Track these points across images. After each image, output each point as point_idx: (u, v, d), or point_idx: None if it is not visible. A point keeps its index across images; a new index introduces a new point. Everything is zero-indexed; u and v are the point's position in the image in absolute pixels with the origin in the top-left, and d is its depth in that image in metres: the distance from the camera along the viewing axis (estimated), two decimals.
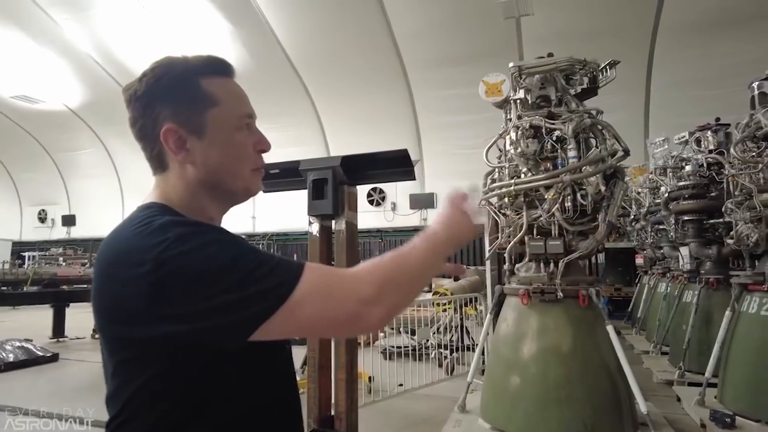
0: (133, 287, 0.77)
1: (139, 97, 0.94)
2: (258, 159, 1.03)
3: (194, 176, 0.96)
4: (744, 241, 4.56)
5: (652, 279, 8.80)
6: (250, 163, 1.01)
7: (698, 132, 6.26)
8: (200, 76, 0.96)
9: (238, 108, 1.00)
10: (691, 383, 5.32)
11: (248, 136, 1.01)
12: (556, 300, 3.81)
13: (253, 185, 1.02)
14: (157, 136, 0.93)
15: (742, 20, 11.30)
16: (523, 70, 4.05)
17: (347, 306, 0.81)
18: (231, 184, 0.99)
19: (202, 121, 0.94)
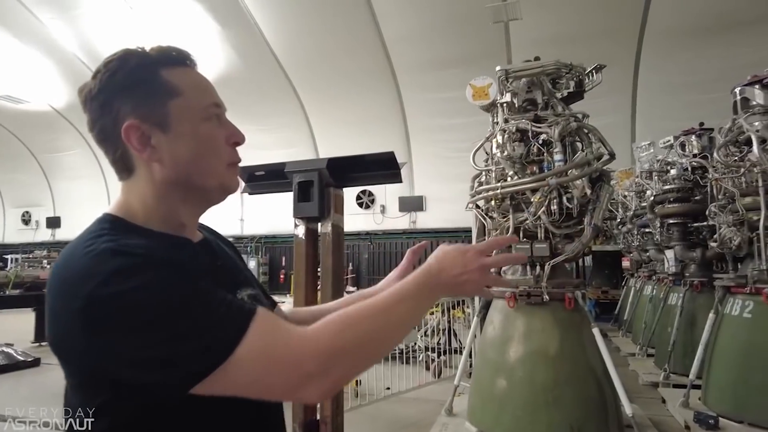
0: (69, 322, 0.72)
1: (95, 95, 0.86)
2: (232, 153, 0.94)
3: (163, 176, 0.87)
4: (727, 244, 4.61)
5: (638, 282, 8.88)
6: (223, 156, 0.92)
7: (683, 136, 6.34)
8: (159, 66, 0.88)
9: (203, 97, 0.90)
10: (676, 385, 5.37)
11: (218, 128, 0.92)
12: (542, 303, 3.82)
13: (229, 182, 0.93)
14: (119, 135, 0.85)
15: (726, 27, 11.47)
16: (510, 73, 4.07)
17: (288, 378, 0.74)
18: (204, 182, 0.90)
19: (164, 113, 0.86)
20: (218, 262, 0.97)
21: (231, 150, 0.94)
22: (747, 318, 4.27)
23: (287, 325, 0.79)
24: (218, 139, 0.91)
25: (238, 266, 1.06)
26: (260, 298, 1.00)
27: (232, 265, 1.02)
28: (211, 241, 1.03)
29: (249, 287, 0.98)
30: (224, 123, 0.94)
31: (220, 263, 0.97)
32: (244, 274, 1.04)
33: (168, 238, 0.87)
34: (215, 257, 0.98)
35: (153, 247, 0.79)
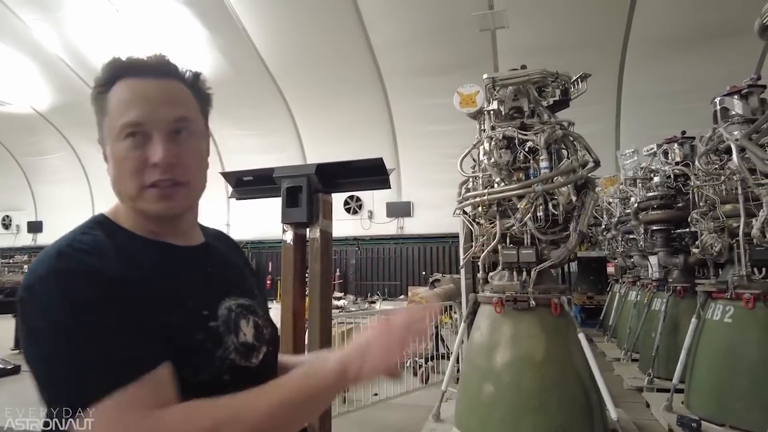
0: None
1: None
2: (150, 174, 0.85)
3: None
4: (708, 251, 4.71)
5: (623, 287, 8.99)
6: (133, 178, 0.85)
7: (665, 144, 6.46)
8: (115, 79, 0.88)
9: (120, 116, 0.85)
10: (659, 389, 5.44)
11: (133, 148, 0.85)
12: (528, 308, 3.85)
13: (144, 205, 0.87)
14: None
15: (706, 38, 11.73)
16: (497, 81, 4.12)
17: None
18: (123, 200, 0.90)
19: (102, 134, 0.90)
20: (208, 269, 0.95)
21: (149, 171, 0.85)
22: (728, 323, 4.35)
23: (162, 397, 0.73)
24: (126, 160, 0.85)
25: (236, 275, 1.04)
26: (254, 309, 0.98)
27: (227, 273, 1.01)
28: (211, 246, 1.02)
29: (243, 297, 0.97)
30: (149, 141, 0.86)
31: (210, 269, 0.96)
32: (242, 283, 1.02)
33: (142, 242, 0.88)
34: (207, 263, 0.97)
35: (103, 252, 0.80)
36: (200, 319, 0.86)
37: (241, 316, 0.93)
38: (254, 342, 0.94)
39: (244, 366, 0.89)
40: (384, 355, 0.89)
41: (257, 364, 0.93)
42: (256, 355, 0.93)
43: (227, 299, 0.93)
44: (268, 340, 0.98)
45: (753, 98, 4.44)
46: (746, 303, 4.19)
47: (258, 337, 0.95)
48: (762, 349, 4.03)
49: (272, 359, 1.01)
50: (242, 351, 0.90)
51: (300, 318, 2.35)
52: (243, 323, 0.93)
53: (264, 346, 0.96)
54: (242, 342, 0.91)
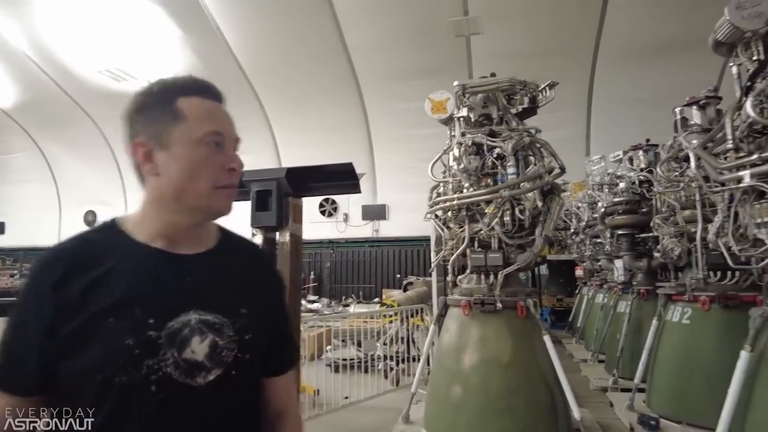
0: None
1: (127, 112, 1.03)
2: (224, 177, 1.02)
3: (157, 187, 1.00)
4: (669, 255, 4.88)
5: (591, 290, 9.19)
6: (209, 179, 1.00)
7: (631, 151, 6.67)
8: (177, 94, 1.01)
9: (203, 125, 1.00)
10: (623, 389, 5.59)
11: (213, 154, 1.00)
12: (495, 311, 3.93)
13: (214, 203, 1.02)
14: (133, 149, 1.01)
15: (671, 50, 12.13)
16: (467, 89, 4.20)
17: None
18: (189, 199, 0.99)
19: (168, 136, 0.98)
20: (188, 279, 0.98)
21: (224, 174, 1.02)
22: (686, 324, 4.52)
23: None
24: (208, 162, 1.00)
25: (224, 290, 1.03)
26: (220, 328, 0.96)
27: (210, 286, 1.01)
28: (214, 257, 1.06)
29: (213, 314, 0.96)
30: (224, 150, 1.03)
31: (189, 280, 0.98)
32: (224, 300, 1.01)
33: (135, 247, 0.99)
34: (191, 274, 0.99)
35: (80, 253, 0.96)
36: (139, 326, 0.89)
37: (196, 333, 0.93)
38: (204, 361, 0.92)
39: (182, 383, 0.89)
40: None
41: (203, 384, 0.91)
42: (204, 375, 0.92)
43: (191, 313, 0.94)
44: (228, 364, 0.95)
45: (710, 109, 4.63)
46: (702, 305, 4.36)
47: (212, 357, 0.93)
48: (716, 349, 4.19)
49: (233, 385, 0.97)
50: (184, 367, 0.90)
51: None
52: (195, 340, 0.92)
53: (219, 368, 0.94)
54: (186, 358, 0.90)
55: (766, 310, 2.94)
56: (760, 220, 2.95)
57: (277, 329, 1.13)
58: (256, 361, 1.02)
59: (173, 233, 1.02)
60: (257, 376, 1.07)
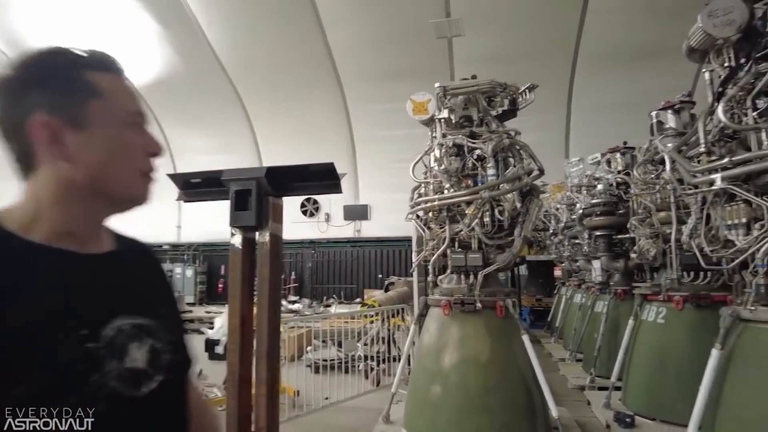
0: None
1: (10, 85, 0.83)
2: (147, 163, 0.91)
3: (68, 176, 0.82)
4: (645, 255, 4.98)
5: (569, 290, 9.33)
6: (137, 165, 0.89)
7: (609, 154, 6.79)
8: (84, 67, 0.86)
9: (128, 103, 0.89)
10: (600, 387, 5.68)
11: (137, 136, 0.89)
12: (475, 311, 3.96)
13: (137, 191, 0.90)
14: (26, 128, 0.81)
15: (648, 55, 12.39)
16: (448, 90, 4.23)
17: None
18: (112, 187, 0.86)
19: (82, 112, 0.83)
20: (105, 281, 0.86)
21: (146, 159, 0.91)
22: (660, 323, 4.63)
23: None
24: (135, 146, 0.89)
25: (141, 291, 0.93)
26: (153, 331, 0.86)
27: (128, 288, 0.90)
28: (118, 256, 0.93)
29: (141, 317, 0.86)
30: (143, 132, 0.91)
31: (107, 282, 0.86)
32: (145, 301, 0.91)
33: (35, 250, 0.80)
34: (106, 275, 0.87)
35: None
36: (75, 339, 0.76)
37: (134, 338, 0.82)
38: (146, 368, 0.82)
39: (128, 396, 0.79)
40: None
41: (147, 394, 0.81)
42: (147, 383, 0.82)
43: (120, 318, 0.82)
44: (167, 368, 0.86)
45: (684, 113, 4.76)
46: (676, 304, 4.47)
47: (152, 363, 0.84)
48: (689, 347, 4.30)
49: (172, 391, 0.89)
50: (128, 378, 0.79)
51: (248, 323, 2.36)
52: (133, 346, 0.82)
53: (160, 374, 0.84)
54: (129, 368, 0.80)
55: (735, 309, 3.03)
56: (730, 222, 3.03)
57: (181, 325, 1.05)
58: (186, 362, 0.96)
59: (81, 230, 0.86)
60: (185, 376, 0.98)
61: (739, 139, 3.10)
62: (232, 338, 2.64)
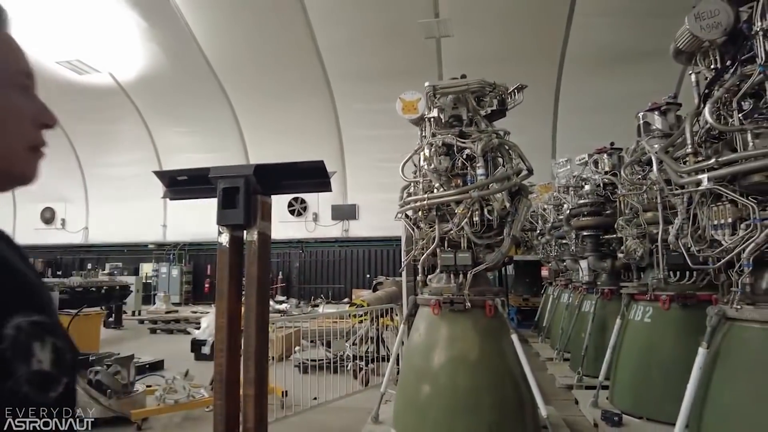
0: None
1: None
2: (37, 135, 0.77)
3: None
4: (632, 255, 5.02)
5: (556, 290, 9.39)
6: (23, 136, 0.75)
7: (596, 154, 6.84)
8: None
9: (12, 61, 0.74)
10: (588, 387, 5.72)
11: (26, 102, 0.75)
12: (464, 310, 3.96)
13: (24, 168, 0.76)
14: None
15: (634, 57, 12.55)
16: (438, 89, 4.22)
17: None
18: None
19: None
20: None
21: (36, 131, 0.77)
22: (647, 323, 4.67)
23: None
24: (22, 114, 0.74)
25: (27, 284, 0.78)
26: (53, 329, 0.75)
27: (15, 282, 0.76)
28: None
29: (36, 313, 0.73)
30: (33, 98, 0.77)
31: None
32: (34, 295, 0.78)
33: None
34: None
35: None
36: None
37: (35, 338, 0.71)
38: (53, 370, 0.72)
39: (39, 402, 0.69)
40: None
41: (56, 398, 0.72)
42: (55, 387, 0.72)
43: (15, 315, 0.70)
44: (69, 368, 0.77)
45: (670, 114, 4.81)
46: (663, 304, 4.51)
47: (58, 363, 0.73)
48: (675, 346, 4.35)
49: (73, 393, 0.78)
50: (37, 382, 0.69)
51: (235, 322, 2.31)
52: (37, 346, 0.71)
53: (65, 376, 0.74)
54: (36, 371, 0.69)
55: (722, 308, 3.06)
56: (716, 222, 3.07)
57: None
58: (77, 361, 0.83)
59: None
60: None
61: (725, 140, 3.13)
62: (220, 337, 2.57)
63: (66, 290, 10.00)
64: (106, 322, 11.17)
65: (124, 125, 17.70)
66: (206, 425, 4.65)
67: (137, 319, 13.74)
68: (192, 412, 5.16)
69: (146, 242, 19.38)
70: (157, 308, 14.48)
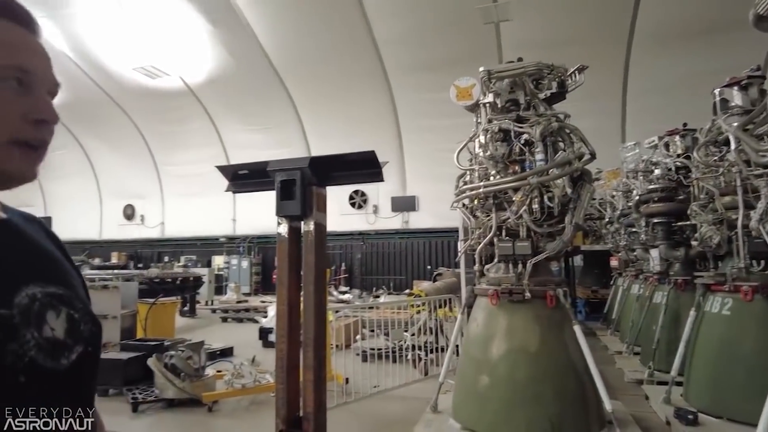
0: None
1: None
2: (27, 129, 0.76)
3: None
4: (707, 243, 4.69)
5: (626, 281, 8.95)
6: (9, 133, 0.74)
7: (667, 137, 6.42)
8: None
9: (3, 56, 0.75)
10: (659, 382, 5.43)
11: (11, 96, 0.75)
12: (524, 300, 3.87)
13: (13, 166, 0.76)
14: None
15: (710, 30, 11.61)
16: (493, 74, 4.11)
17: None
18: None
19: None
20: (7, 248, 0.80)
21: (27, 126, 0.76)
22: (726, 315, 4.34)
23: None
24: (5, 106, 0.74)
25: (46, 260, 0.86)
26: (69, 300, 0.81)
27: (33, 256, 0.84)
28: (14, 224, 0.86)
29: (54, 285, 0.80)
30: (31, 93, 0.77)
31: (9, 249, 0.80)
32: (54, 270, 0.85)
33: None
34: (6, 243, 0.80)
35: None
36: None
37: (49, 307, 0.77)
38: (66, 339, 0.77)
39: (49, 367, 0.74)
40: None
41: (67, 366, 0.76)
42: (67, 355, 0.76)
43: (31, 285, 0.76)
44: (86, 339, 0.81)
45: (753, 89, 4.41)
46: (744, 295, 4.17)
47: (72, 333, 0.78)
48: (759, 341, 4.02)
49: (90, 362, 0.82)
50: (47, 349, 0.74)
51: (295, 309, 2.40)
52: (50, 315, 0.76)
53: (80, 345, 0.79)
54: (47, 337, 0.74)
55: None
56: None
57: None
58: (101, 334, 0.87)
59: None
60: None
61: None
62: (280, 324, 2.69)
63: (145, 281, 10.73)
64: (181, 311, 11.81)
65: (194, 125, 18.64)
66: (271, 409, 4.85)
67: (210, 309, 14.45)
68: (258, 396, 5.38)
69: (217, 236, 20.36)
70: (228, 298, 15.20)
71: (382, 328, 6.81)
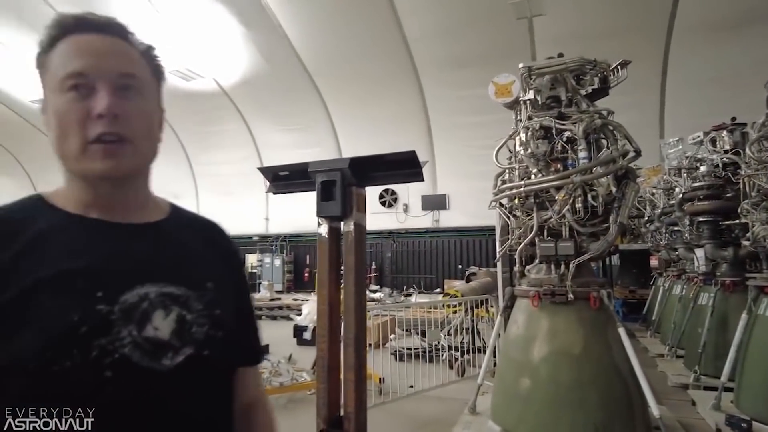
0: None
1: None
2: (94, 127, 0.79)
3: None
4: (761, 243, 4.49)
5: (667, 281, 8.68)
6: (77, 135, 0.79)
7: (713, 132, 6.17)
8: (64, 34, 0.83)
9: (62, 67, 0.80)
10: (706, 387, 5.25)
11: (75, 101, 0.79)
12: (566, 302, 3.78)
13: (84, 164, 0.80)
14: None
15: (757, 20, 11.11)
16: (533, 71, 4.03)
17: None
18: (68, 166, 0.82)
19: (44, 95, 0.84)
20: (137, 249, 0.83)
21: (93, 125, 0.79)
22: None
23: None
24: (69, 113, 0.79)
25: (182, 262, 0.88)
26: (186, 301, 0.81)
27: (165, 258, 0.86)
28: (163, 228, 0.91)
29: (175, 286, 0.82)
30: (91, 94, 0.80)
31: (139, 250, 0.83)
32: (185, 272, 0.86)
33: (68, 220, 0.82)
34: (139, 244, 0.84)
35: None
36: (86, 300, 0.73)
37: (159, 306, 0.78)
38: (170, 340, 0.77)
39: (145, 366, 0.73)
40: None
41: (171, 367, 0.76)
42: (171, 356, 0.76)
43: (147, 285, 0.78)
44: (199, 342, 0.80)
45: None
46: None
47: (179, 334, 0.78)
48: None
49: (206, 367, 0.81)
50: (146, 348, 0.74)
51: (336, 309, 2.41)
52: (158, 315, 0.77)
53: (188, 347, 0.78)
54: (147, 337, 0.75)
55: None
56: None
57: (244, 312, 0.98)
58: (227, 342, 0.85)
59: (104, 202, 0.84)
60: (230, 358, 0.89)
61: None
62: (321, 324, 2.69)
63: None
64: None
65: (228, 125, 18.96)
66: (309, 407, 4.89)
67: None
68: (295, 395, 5.43)
69: (251, 234, 20.68)
70: (261, 296, 15.43)
71: (417, 328, 6.79)
